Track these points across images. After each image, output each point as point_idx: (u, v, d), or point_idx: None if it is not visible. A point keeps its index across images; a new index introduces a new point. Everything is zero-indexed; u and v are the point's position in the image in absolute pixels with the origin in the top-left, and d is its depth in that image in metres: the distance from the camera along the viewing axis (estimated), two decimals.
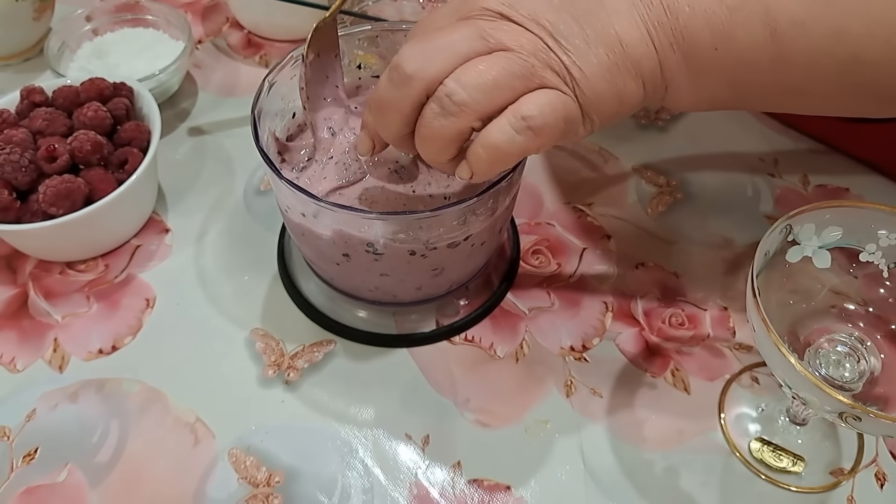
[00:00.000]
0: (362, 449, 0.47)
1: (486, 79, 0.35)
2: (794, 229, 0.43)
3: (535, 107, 0.35)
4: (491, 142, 0.36)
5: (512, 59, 0.35)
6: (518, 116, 0.35)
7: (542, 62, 0.36)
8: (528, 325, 0.52)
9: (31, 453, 0.46)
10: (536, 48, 0.36)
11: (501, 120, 0.36)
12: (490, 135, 0.36)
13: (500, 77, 0.35)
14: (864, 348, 0.44)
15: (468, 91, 0.35)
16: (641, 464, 0.46)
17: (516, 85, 0.36)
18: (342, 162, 0.48)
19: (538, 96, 0.36)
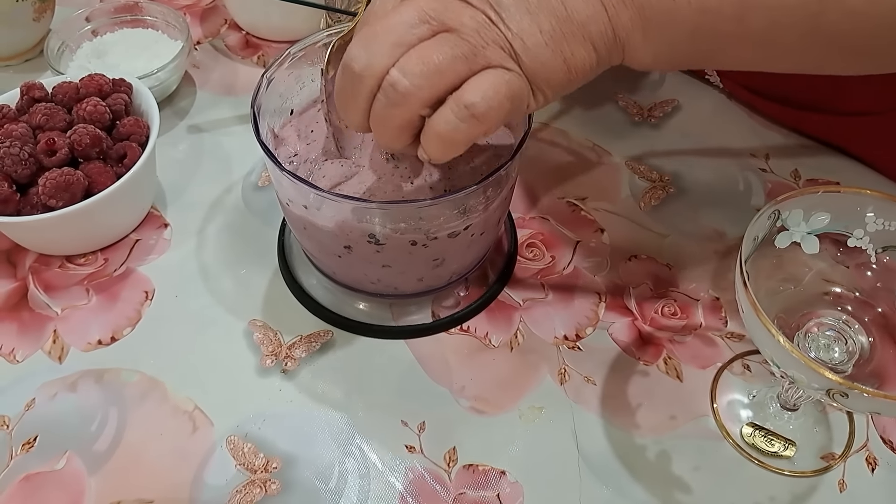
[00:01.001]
0: (359, 436, 0.47)
1: (428, 66, 0.35)
2: (783, 214, 0.44)
3: (477, 93, 0.35)
4: (436, 131, 0.36)
5: (454, 42, 0.35)
6: (461, 105, 0.35)
7: (485, 39, 0.36)
8: (523, 316, 0.53)
9: (31, 441, 0.46)
10: (479, 24, 0.36)
11: (445, 109, 0.36)
12: (435, 124, 0.36)
13: (442, 63, 0.35)
14: (853, 332, 0.44)
15: (410, 79, 0.35)
16: (634, 449, 0.47)
17: (459, 68, 0.35)
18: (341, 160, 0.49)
19: (481, 80, 0.36)
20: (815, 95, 0.63)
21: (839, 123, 0.63)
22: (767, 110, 0.67)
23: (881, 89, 0.60)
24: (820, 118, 0.63)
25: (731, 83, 0.68)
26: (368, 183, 0.48)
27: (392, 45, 0.36)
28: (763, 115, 0.67)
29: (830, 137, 0.65)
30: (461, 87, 0.36)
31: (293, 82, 0.51)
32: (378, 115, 0.37)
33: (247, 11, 0.72)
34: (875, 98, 0.61)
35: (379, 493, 0.45)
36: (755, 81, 0.66)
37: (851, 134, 0.63)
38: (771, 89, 0.65)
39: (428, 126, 0.37)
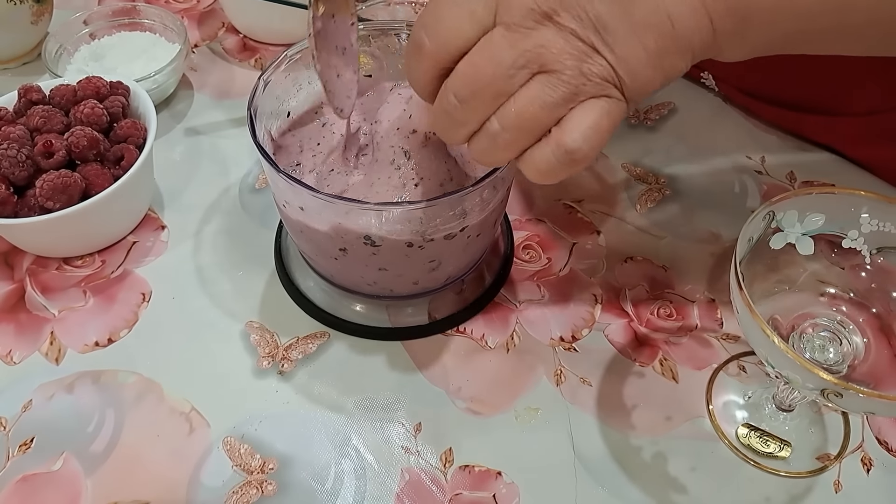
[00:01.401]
0: (355, 436, 0.47)
1: (526, 120, 0.35)
2: (777, 216, 0.44)
3: (578, 138, 0.35)
4: (535, 167, 0.37)
5: (554, 87, 0.35)
6: (561, 149, 0.35)
7: (587, 75, 0.35)
8: (519, 317, 0.53)
9: (28, 443, 0.46)
10: (582, 58, 0.35)
11: (545, 148, 0.36)
12: (534, 161, 0.36)
13: (541, 113, 0.35)
14: (847, 332, 0.45)
15: (510, 133, 0.35)
16: (630, 450, 0.47)
17: (559, 112, 0.35)
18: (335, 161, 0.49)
19: (581, 120, 0.35)
20: (813, 97, 0.63)
21: (836, 124, 0.63)
22: (763, 113, 0.67)
23: (879, 90, 0.60)
24: (817, 119, 0.64)
25: (727, 87, 0.68)
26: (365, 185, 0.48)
27: (492, 98, 0.35)
28: (758, 118, 0.67)
29: (827, 139, 0.65)
30: (561, 126, 0.35)
31: (290, 85, 0.51)
32: (478, 150, 0.37)
33: (244, 15, 0.72)
34: (873, 98, 0.61)
35: (375, 493, 0.45)
36: (751, 84, 0.66)
37: (848, 135, 0.64)
38: (767, 92, 0.65)
39: (527, 158, 0.37)
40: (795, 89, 0.63)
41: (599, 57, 0.35)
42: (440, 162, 0.47)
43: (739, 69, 0.61)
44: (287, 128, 0.52)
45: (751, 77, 0.65)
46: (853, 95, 0.62)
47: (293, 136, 0.52)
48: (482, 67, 0.35)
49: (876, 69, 0.59)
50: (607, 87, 0.35)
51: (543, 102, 0.35)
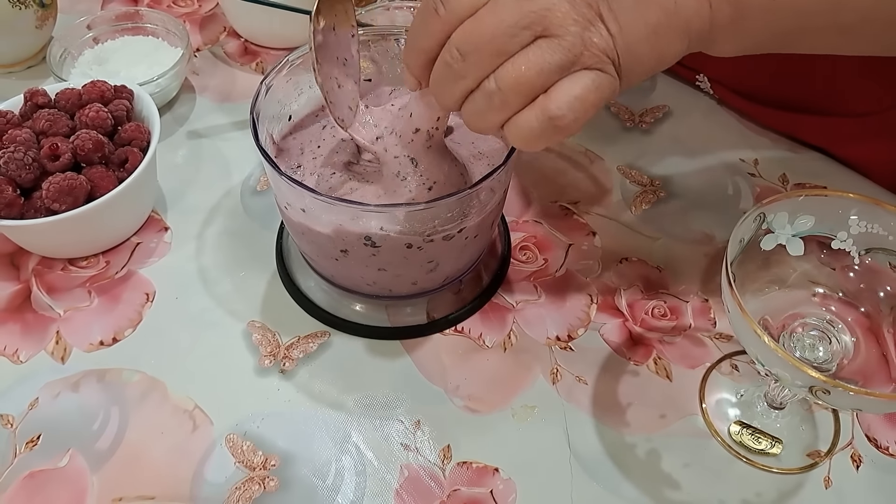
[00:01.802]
0: (355, 434, 0.48)
1: (523, 82, 0.36)
2: (768, 217, 0.45)
3: (563, 105, 0.36)
4: (518, 131, 0.37)
5: (553, 51, 0.35)
6: (546, 114, 0.36)
7: (586, 43, 0.35)
8: (516, 317, 0.54)
9: (34, 440, 0.47)
10: (585, 25, 0.35)
11: (529, 113, 0.36)
12: (518, 125, 0.37)
13: (537, 77, 0.35)
14: (837, 331, 0.46)
15: (505, 94, 0.36)
16: (624, 447, 0.48)
17: (553, 78, 0.36)
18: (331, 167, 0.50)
19: (570, 88, 0.36)
20: (808, 98, 0.64)
21: (831, 125, 0.64)
22: (758, 114, 0.68)
23: (874, 90, 0.61)
24: (812, 120, 0.65)
25: (722, 89, 0.69)
26: (366, 188, 0.49)
27: (492, 55, 0.36)
28: (753, 120, 0.68)
29: (821, 140, 0.66)
30: (548, 93, 0.36)
31: (291, 89, 0.52)
32: (471, 111, 0.38)
33: (245, 19, 0.73)
34: (868, 99, 0.62)
35: (375, 489, 0.46)
36: (746, 86, 0.67)
37: (842, 136, 0.65)
38: (762, 93, 0.66)
39: (512, 123, 0.37)
40: (791, 90, 0.64)
41: (602, 26, 0.36)
42: (448, 164, 0.48)
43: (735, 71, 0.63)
44: (288, 131, 0.53)
45: (746, 79, 0.66)
46: (848, 96, 0.63)
47: (294, 138, 0.53)
48: (487, 24, 0.35)
49: (872, 70, 0.60)
50: (604, 61, 0.36)
51: (541, 66, 0.35)
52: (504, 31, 0.35)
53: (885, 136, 0.65)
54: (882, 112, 0.63)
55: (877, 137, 0.64)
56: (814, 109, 0.64)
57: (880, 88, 0.61)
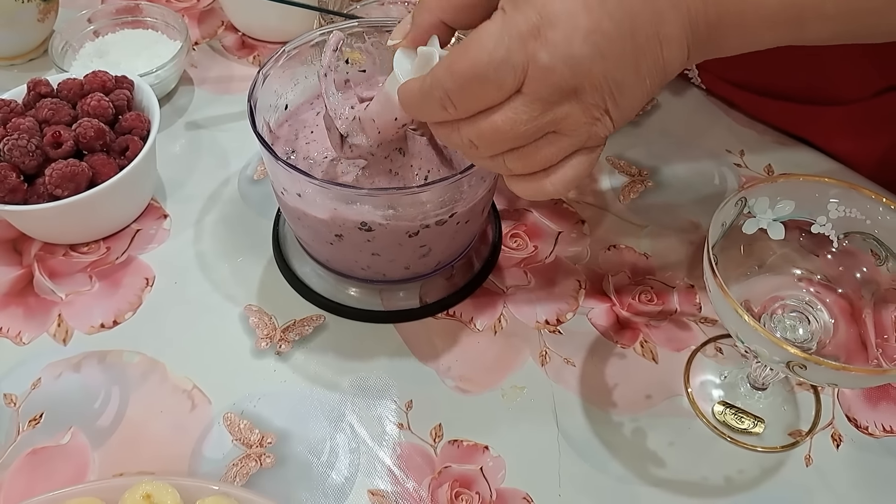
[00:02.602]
0: (349, 413, 0.50)
1: (530, 167, 0.39)
2: (749, 202, 0.46)
3: (560, 186, 0.39)
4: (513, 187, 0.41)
5: (563, 146, 0.38)
6: (541, 192, 0.40)
7: (593, 135, 0.38)
8: (507, 302, 0.56)
9: (37, 418, 0.49)
10: (592, 122, 0.37)
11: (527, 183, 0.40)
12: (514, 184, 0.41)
13: (544, 163, 0.38)
14: (816, 312, 0.47)
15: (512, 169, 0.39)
16: (611, 426, 0.49)
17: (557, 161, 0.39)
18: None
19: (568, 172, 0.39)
20: (796, 85, 0.65)
21: (820, 114, 0.65)
22: (746, 104, 0.69)
23: (862, 73, 0.62)
24: (800, 109, 0.66)
25: (711, 77, 0.70)
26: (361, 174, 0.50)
27: (508, 144, 0.38)
28: (740, 110, 0.70)
29: (808, 131, 0.67)
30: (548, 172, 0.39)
31: (288, 79, 0.54)
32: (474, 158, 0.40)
33: (243, 13, 0.75)
34: (855, 84, 0.63)
35: (368, 466, 0.47)
36: (735, 75, 0.68)
37: (830, 125, 0.66)
38: (752, 81, 0.67)
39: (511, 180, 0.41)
40: (781, 79, 0.65)
41: (608, 119, 0.38)
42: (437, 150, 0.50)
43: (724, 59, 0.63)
44: (284, 118, 0.55)
45: (734, 67, 0.67)
46: (836, 81, 0.63)
47: (289, 125, 0.55)
48: (506, 130, 0.37)
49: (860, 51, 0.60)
50: (602, 140, 0.39)
51: (548, 156, 0.38)
52: (520, 133, 0.37)
53: (869, 128, 0.66)
54: (867, 100, 0.64)
55: (861, 128, 0.66)
56: (801, 98, 0.65)
57: (872, 69, 0.62)
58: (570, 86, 0.36)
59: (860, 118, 0.65)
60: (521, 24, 0.35)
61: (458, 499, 0.46)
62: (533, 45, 0.35)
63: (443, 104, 0.37)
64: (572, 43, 0.35)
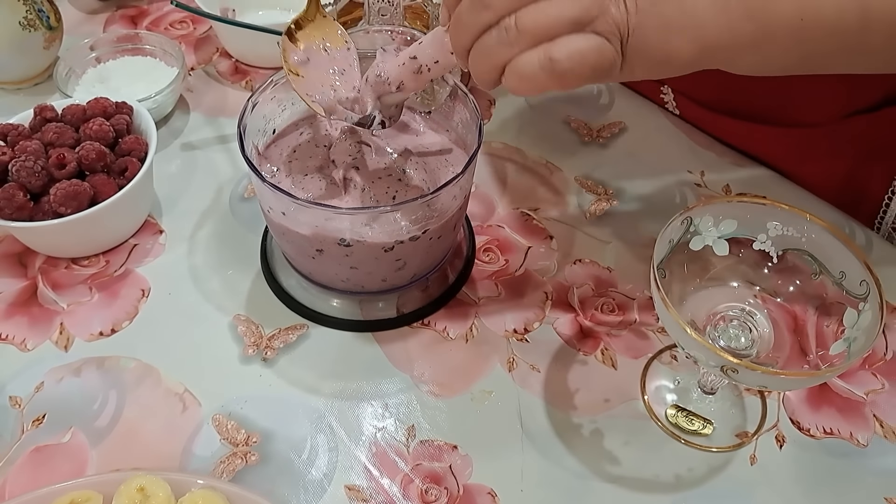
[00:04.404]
0: (329, 415, 0.54)
1: (540, 25, 0.38)
2: (695, 221, 0.51)
3: (565, 53, 0.38)
4: (518, 70, 0.40)
5: (574, 6, 0.38)
6: (547, 56, 0.38)
7: (605, 10, 0.38)
8: (478, 312, 0.60)
9: (40, 418, 0.53)
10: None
11: (532, 54, 0.39)
12: (519, 64, 0.39)
13: (553, 24, 0.38)
14: (756, 322, 0.51)
15: (521, 33, 0.39)
16: (571, 427, 0.53)
17: (566, 29, 0.38)
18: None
19: (576, 42, 0.38)
20: (765, 106, 0.68)
21: (783, 136, 0.69)
22: (714, 125, 0.73)
23: (829, 102, 0.66)
24: (765, 130, 0.69)
25: (684, 99, 0.74)
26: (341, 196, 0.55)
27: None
28: (706, 132, 0.74)
29: (771, 153, 0.71)
30: (553, 41, 0.39)
31: (275, 106, 0.58)
32: (482, 47, 0.41)
33: (236, 40, 0.79)
34: (822, 110, 0.67)
35: (346, 464, 0.51)
36: (708, 96, 0.71)
37: (791, 149, 0.70)
38: (721, 103, 0.71)
39: (515, 62, 0.40)
40: (750, 100, 0.68)
41: (622, 2, 0.39)
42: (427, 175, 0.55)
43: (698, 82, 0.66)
44: (272, 141, 0.59)
45: (708, 89, 0.70)
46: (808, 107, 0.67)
47: (276, 146, 0.59)
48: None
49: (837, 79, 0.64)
50: (613, 33, 0.39)
51: (559, 16, 0.38)
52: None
53: (831, 151, 0.70)
54: (830, 124, 0.68)
55: (824, 151, 0.69)
56: (768, 119, 0.69)
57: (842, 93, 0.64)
58: None
59: (824, 141, 0.69)
60: None
61: (428, 493, 0.50)
62: None
63: None
64: None
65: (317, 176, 0.56)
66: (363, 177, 0.55)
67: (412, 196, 0.55)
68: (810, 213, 0.49)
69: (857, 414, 0.55)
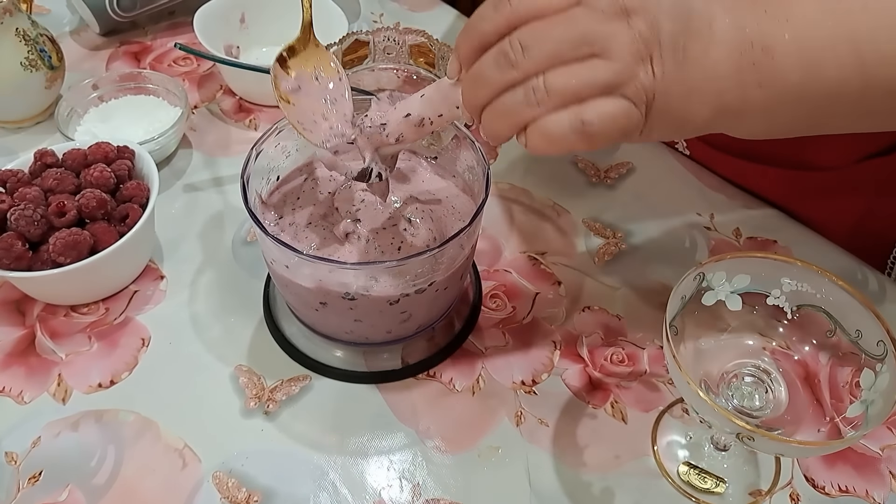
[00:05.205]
0: (332, 472, 0.52)
1: (570, 89, 0.38)
2: (707, 276, 0.50)
3: (597, 117, 0.39)
4: (546, 130, 0.39)
5: (604, 72, 0.38)
6: (579, 119, 0.39)
7: (632, 76, 0.39)
8: (485, 362, 0.59)
9: (36, 476, 0.51)
10: (638, 60, 0.38)
11: (563, 115, 0.39)
12: (547, 124, 0.39)
13: (584, 89, 0.38)
14: (772, 380, 0.50)
15: (550, 96, 0.39)
16: (581, 485, 0.52)
17: (596, 94, 0.39)
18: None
19: (606, 105, 0.39)
20: (779, 150, 0.68)
21: (795, 178, 0.69)
22: (725, 166, 0.72)
23: (845, 145, 0.65)
24: (777, 173, 0.69)
25: (694, 141, 0.73)
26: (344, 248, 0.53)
27: (550, 57, 0.39)
28: (717, 173, 0.73)
29: (781, 196, 0.70)
30: (584, 103, 0.39)
31: (279, 153, 0.57)
32: (504, 105, 0.40)
33: (240, 78, 0.78)
34: (837, 153, 0.66)
35: None
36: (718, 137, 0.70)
37: (803, 191, 0.69)
38: (734, 145, 0.70)
39: (540, 122, 0.39)
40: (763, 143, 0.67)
41: (650, 67, 0.39)
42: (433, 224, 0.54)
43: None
44: (275, 188, 0.58)
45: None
46: (823, 150, 0.66)
47: (280, 192, 0.58)
48: (557, 28, 0.38)
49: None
50: (640, 97, 0.39)
51: (590, 81, 0.38)
52: (570, 39, 0.38)
53: (844, 194, 0.69)
54: (844, 168, 0.67)
55: (837, 194, 0.69)
56: (781, 162, 0.68)
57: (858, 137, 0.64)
58: (625, 4, 0.38)
59: (837, 183, 0.68)
60: None
61: None
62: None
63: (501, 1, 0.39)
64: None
65: (321, 224, 0.55)
66: (367, 227, 0.54)
67: (418, 246, 0.54)
68: (824, 270, 0.48)
69: (872, 471, 0.54)
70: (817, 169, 0.68)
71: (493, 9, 0.40)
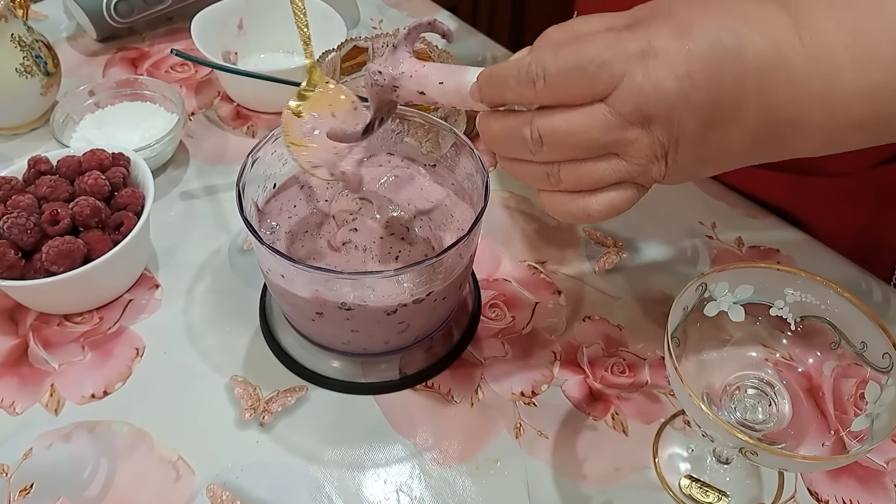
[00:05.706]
0: (328, 485, 0.51)
1: (584, 182, 0.41)
2: (710, 287, 0.49)
3: (604, 207, 0.41)
4: (551, 204, 0.43)
5: (620, 171, 0.40)
6: (584, 211, 0.42)
7: (647, 173, 0.41)
8: (484, 373, 0.58)
9: (27, 488, 0.51)
10: (652, 159, 0.40)
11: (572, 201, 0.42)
12: (556, 201, 0.42)
13: (597, 181, 0.41)
14: (775, 393, 0.49)
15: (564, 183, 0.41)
16: (581, 498, 0.51)
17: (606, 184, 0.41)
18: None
19: (612, 197, 0.41)
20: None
21: (804, 185, 0.68)
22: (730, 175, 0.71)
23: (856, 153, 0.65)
24: (786, 179, 0.68)
25: None
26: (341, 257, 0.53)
27: (568, 154, 0.40)
28: (720, 181, 0.72)
29: (787, 201, 0.70)
30: (595, 193, 0.41)
31: (276, 160, 0.56)
32: (522, 171, 0.43)
33: (238, 85, 0.78)
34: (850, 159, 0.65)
35: None
36: None
37: (809, 197, 0.68)
38: None
39: (552, 196, 0.43)
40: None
41: (664, 164, 0.41)
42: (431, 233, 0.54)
43: None
44: (272, 195, 0.57)
45: None
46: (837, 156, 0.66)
47: (276, 200, 0.57)
48: (577, 130, 0.39)
49: None
50: (649, 184, 0.42)
51: (603, 177, 0.41)
52: (589, 141, 0.39)
53: (852, 200, 0.68)
54: (854, 174, 0.66)
55: (845, 201, 0.68)
56: (791, 168, 0.67)
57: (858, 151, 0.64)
58: (648, 113, 0.39)
59: (846, 190, 0.67)
60: (631, 44, 0.38)
61: None
62: (634, 64, 0.38)
63: (534, 80, 0.39)
64: (666, 77, 0.38)
65: (317, 232, 0.55)
66: (364, 237, 0.53)
67: (416, 255, 0.53)
68: (828, 280, 0.47)
69: (877, 484, 0.53)
70: (828, 175, 0.67)
71: (517, 83, 0.40)
